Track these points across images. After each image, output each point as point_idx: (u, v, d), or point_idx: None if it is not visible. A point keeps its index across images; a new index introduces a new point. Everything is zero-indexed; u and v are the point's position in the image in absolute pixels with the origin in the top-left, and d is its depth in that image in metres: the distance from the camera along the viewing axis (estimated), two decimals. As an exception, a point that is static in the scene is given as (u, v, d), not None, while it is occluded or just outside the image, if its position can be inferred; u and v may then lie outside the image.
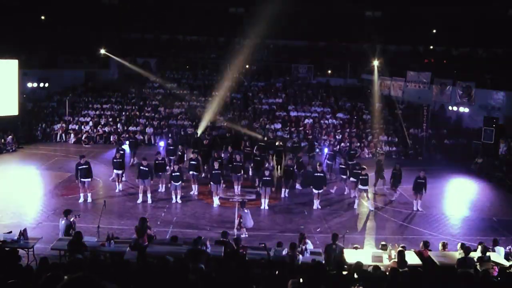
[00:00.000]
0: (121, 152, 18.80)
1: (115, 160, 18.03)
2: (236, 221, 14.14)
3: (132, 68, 32.61)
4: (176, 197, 16.58)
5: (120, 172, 17.85)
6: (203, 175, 19.07)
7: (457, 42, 34.60)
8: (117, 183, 17.80)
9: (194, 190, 17.72)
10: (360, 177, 16.69)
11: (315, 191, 16.64)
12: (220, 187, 16.73)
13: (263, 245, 11.14)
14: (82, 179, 16.10)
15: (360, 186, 16.78)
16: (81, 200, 16.29)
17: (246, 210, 14.18)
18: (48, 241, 11.91)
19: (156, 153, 18.43)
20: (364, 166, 17.19)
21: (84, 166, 16.13)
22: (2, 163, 21.32)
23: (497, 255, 11.33)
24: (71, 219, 12.20)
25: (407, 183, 18.45)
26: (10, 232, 11.71)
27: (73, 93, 30.70)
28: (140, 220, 11.88)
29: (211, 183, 16.52)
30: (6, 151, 23.21)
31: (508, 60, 29.98)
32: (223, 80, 30.93)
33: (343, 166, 18.63)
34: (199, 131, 24.84)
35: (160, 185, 17.87)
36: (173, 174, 16.55)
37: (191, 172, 17.69)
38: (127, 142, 23.23)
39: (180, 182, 16.52)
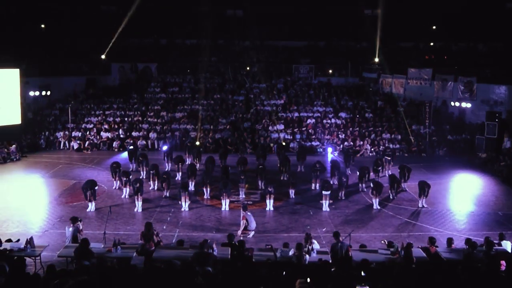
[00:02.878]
0: (114, 165, 19.02)
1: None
2: (242, 223, 14.14)
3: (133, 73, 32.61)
4: (185, 204, 16.52)
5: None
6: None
7: (457, 38, 34.54)
8: (124, 189, 17.83)
9: (206, 194, 17.81)
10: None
11: (324, 192, 16.64)
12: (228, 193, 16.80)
13: (270, 246, 11.16)
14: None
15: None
16: (89, 209, 16.29)
17: (249, 213, 14.34)
18: (55, 249, 11.96)
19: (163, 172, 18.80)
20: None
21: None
22: (6, 172, 21.38)
23: (504, 249, 11.31)
24: (75, 225, 12.22)
25: (412, 180, 18.52)
26: (18, 240, 11.76)
27: (75, 100, 30.74)
28: (146, 225, 11.91)
29: (222, 189, 16.68)
30: (10, 160, 23.24)
31: (508, 53, 29.90)
32: (224, 83, 30.89)
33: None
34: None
35: (165, 191, 17.88)
36: (183, 182, 17.08)
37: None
38: (127, 150, 23.12)
39: (188, 190, 16.73)
